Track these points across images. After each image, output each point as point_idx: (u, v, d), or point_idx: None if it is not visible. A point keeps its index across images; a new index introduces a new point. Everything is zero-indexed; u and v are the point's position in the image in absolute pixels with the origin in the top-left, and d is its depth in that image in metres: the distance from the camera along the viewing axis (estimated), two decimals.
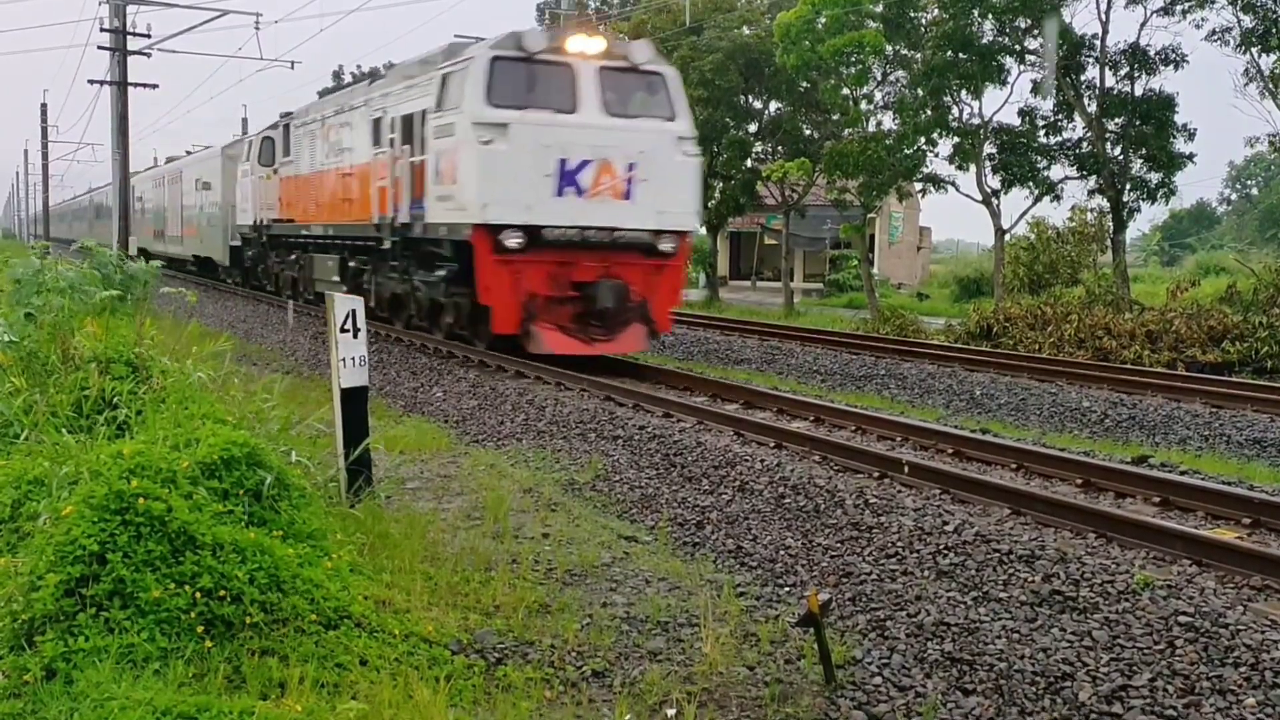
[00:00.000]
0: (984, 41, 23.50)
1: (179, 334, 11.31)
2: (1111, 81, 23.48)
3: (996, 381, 14.19)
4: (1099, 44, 23.34)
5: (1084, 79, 23.89)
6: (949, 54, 23.46)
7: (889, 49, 24.55)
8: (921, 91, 24.44)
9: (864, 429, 10.18)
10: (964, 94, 24.63)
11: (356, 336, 7.12)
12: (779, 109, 31.35)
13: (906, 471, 8.05)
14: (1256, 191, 71.98)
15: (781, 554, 6.89)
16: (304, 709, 4.09)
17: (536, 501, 8.04)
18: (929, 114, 24.40)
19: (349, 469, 6.90)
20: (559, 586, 6.09)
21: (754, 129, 31.77)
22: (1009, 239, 26.47)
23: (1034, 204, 25.42)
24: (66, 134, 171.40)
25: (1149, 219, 74.25)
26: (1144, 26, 22.82)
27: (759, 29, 29.48)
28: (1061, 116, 24.32)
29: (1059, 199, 24.85)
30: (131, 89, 28.02)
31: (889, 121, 26.12)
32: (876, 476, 8.10)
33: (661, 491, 8.35)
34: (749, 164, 31.31)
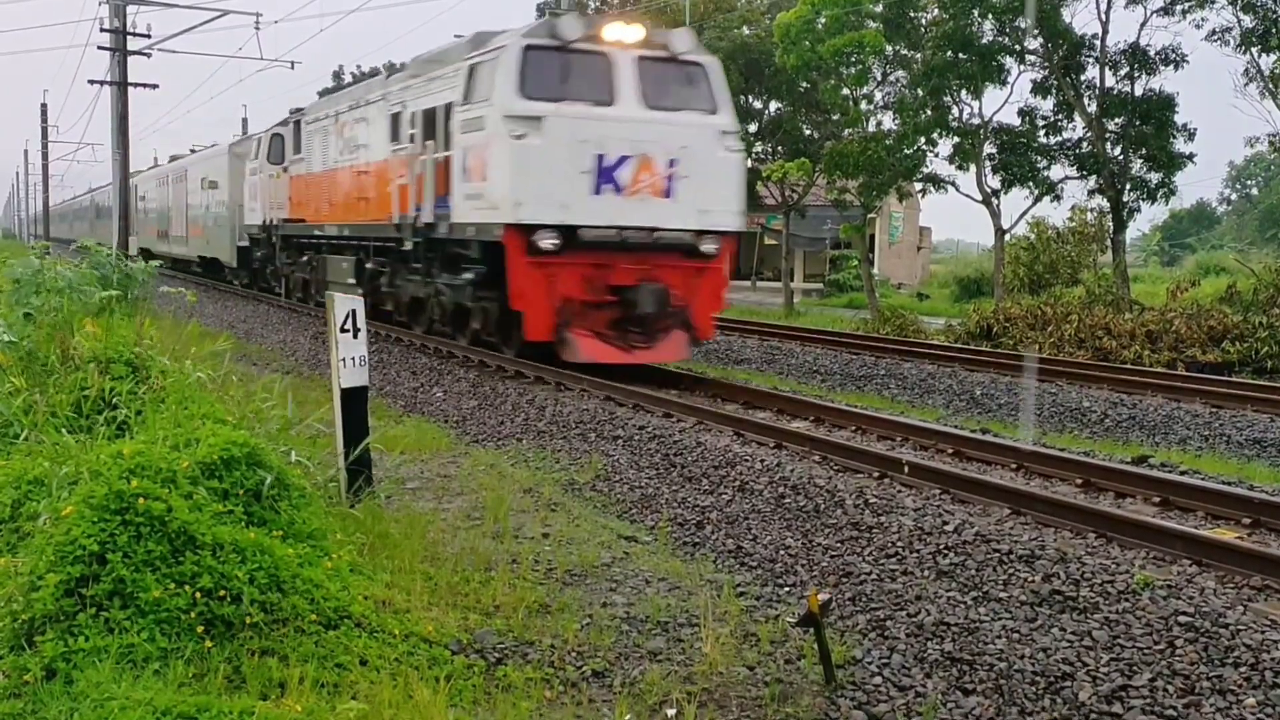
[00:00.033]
0: (984, 41, 23.51)
1: (179, 334, 11.32)
2: (1111, 81, 23.49)
3: (996, 381, 14.20)
4: (1099, 44, 23.36)
5: (1084, 79, 23.91)
6: (949, 54, 23.47)
7: (889, 49, 24.55)
8: (921, 91, 24.45)
9: (864, 429, 10.19)
10: (964, 94, 24.64)
11: (356, 336, 7.13)
12: (779, 109, 31.33)
13: (906, 471, 8.04)
14: (1256, 191, 72.02)
15: (781, 554, 6.89)
16: (304, 709, 4.09)
17: (536, 501, 8.05)
18: (929, 114, 24.41)
19: (349, 469, 6.91)
20: (559, 586, 6.09)
21: (754, 129, 31.77)
22: (1009, 239, 26.47)
23: (1034, 204, 25.46)
24: (66, 134, 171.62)
25: (1149, 219, 74.36)
26: (1144, 26, 22.85)
27: (759, 29, 29.46)
28: (1061, 116, 24.33)
29: (1059, 199, 24.89)
30: (131, 89, 28.06)
31: (889, 121, 26.16)
32: (876, 476, 8.09)
33: (661, 491, 8.35)
34: (749, 164, 31.31)
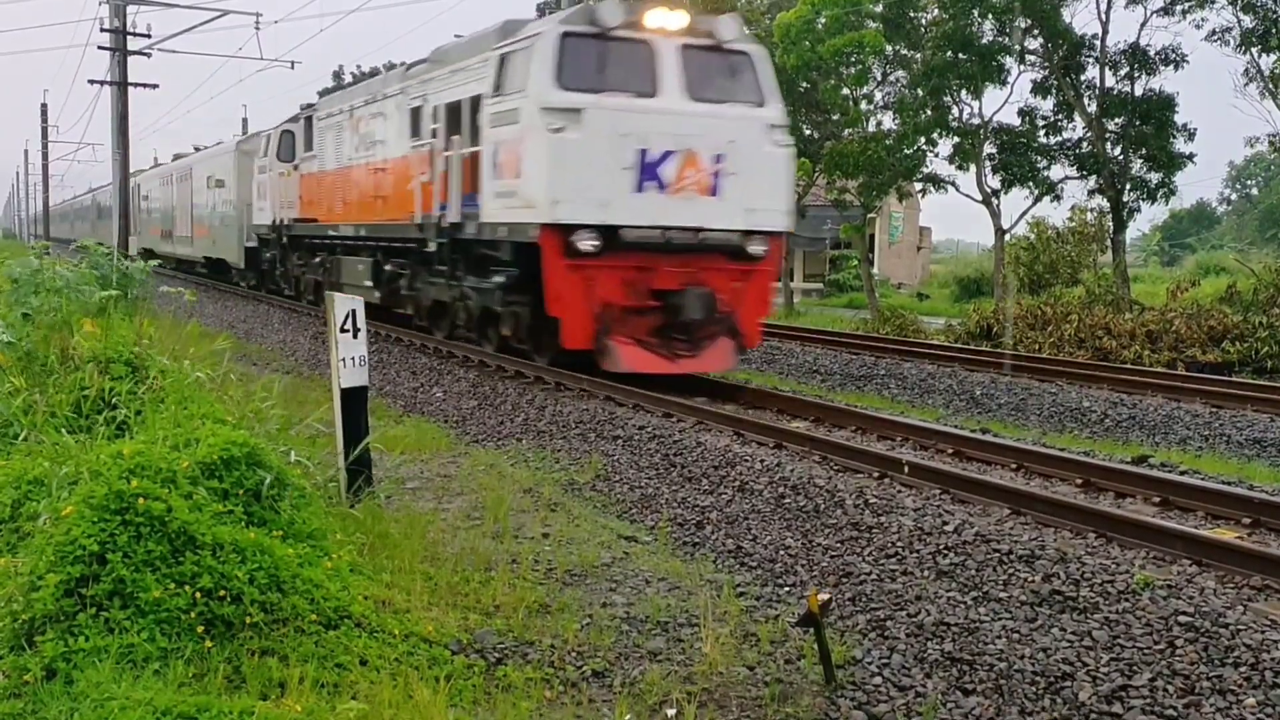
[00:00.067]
0: (984, 41, 23.51)
1: (178, 334, 11.31)
2: (1111, 81, 23.51)
3: (996, 381, 14.20)
4: (1099, 44, 23.38)
5: (1084, 79, 23.92)
6: (949, 54, 23.49)
7: (889, 49, 24.58)
8: (921, 91, 24.47)
9: (864, 429, 10.18)
10: (964, 94, 24.67)
11: (356, 336, 7.13)
12: None
13: (906, 471, 8.03)
14: (1256, 191, 72.01)
15: (781, 554, 6.89)
16: (304, 709, 4.09)
17: (536, 501, 8.05)
18: (929, 114, 24.43)
19: (349, 469, 6.91)
20: (559, 586, 6.09)
21: None
22: (1009, 239, 26.49)
23: (1034, 204, 25.50)
24: (66, 134, 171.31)
25: (1149, 219, 74.28)
26: (1144, 26, 22.91)
27: (759, 29, 29.45)
28: (1061, 116, 24.36)
29: (1059, 199, 24.94)
30: (131, 89, 28.06)
31: (889, 121, 26.19)
32: (876, 476, 8.09)
33: (661, 491, 8.35)
34: None
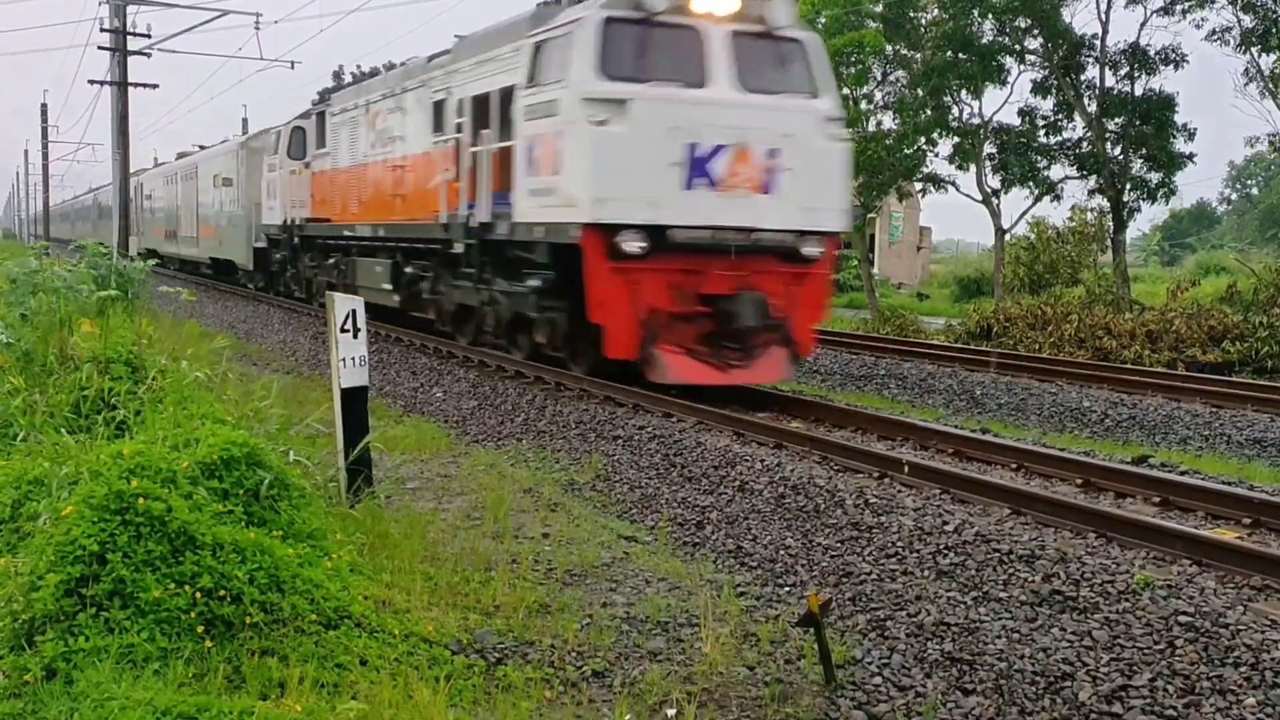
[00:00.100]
0: (984, 41, 23.53)
1: (178, 334, 11.32)
2: (1111, 81, 23.53)
3: (996, 381, 14.20)
4: (1099, 44, 23.40)
5: (1084, 79, 23.94)
6: (949, 54, 23.50)
7: (889, 49, 24.59)
8: (921, 91, 24.49)
9: (864, 429, 10.18)
10: (964, 94, 24.69)
11: (356, 336, 7.13)
12: None
13: (906, 471, 8.03)
14: (1256, 191, 72.03)
15: (781, 554, 6.89)
16: (304, 709, 4.09)
17: (536, 501, 8.04)
18: (929, 114, 24.46)
19: (349, 469, 6.90)
20: (559, 586, 6.09)
21: None
22: (1009, 239, 26.50)
23: (1034, 204, 25.53)
24: (67, 134, 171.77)
25: (1149, 219, 74.32)
26: (1144, 26, 22.94)
27: None
28: (1061, 116, 24.37)
29: (1059, 199, 24.99)
30: (131, 89, 28.10)
31: (889, 121, 26.20)
32: (876, 476, 8.09)
33: (661, 491, 8.35)
34: None
